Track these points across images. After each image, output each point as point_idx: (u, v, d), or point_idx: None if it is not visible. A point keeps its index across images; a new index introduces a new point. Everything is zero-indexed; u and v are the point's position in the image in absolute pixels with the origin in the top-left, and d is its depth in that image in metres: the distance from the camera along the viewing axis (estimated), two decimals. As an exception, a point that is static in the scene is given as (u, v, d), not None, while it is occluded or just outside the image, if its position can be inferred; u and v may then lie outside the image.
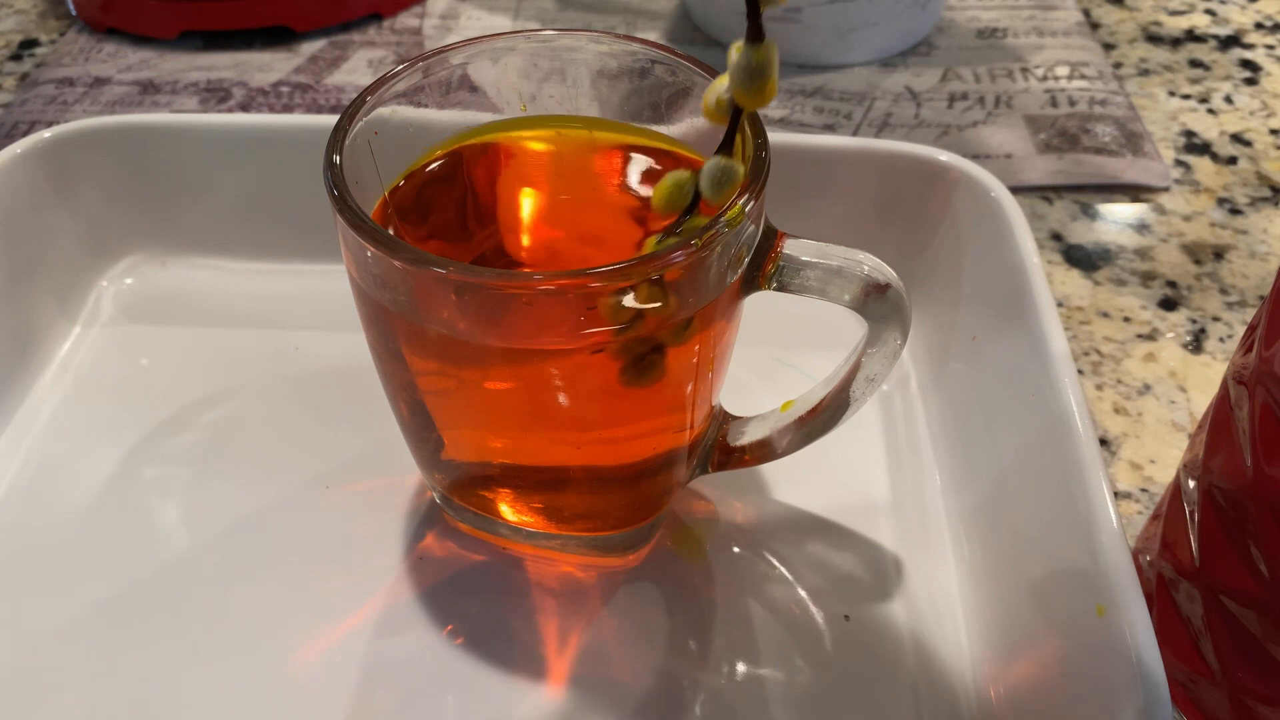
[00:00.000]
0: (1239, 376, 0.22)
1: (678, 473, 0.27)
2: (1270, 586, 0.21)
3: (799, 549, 0.29)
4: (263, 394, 0.32)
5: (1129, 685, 0.21)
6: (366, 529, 0.29)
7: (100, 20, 0.50)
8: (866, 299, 0.23)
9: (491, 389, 0.24)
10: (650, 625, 0.27)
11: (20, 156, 0.33)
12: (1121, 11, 0.52)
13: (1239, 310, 0.36)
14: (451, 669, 0.26)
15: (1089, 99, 0.45)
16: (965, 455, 0.30)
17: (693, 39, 0.49)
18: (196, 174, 0.35)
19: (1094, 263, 0.38)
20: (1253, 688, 0.23)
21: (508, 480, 0.27)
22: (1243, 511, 0.22)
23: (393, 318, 0.23)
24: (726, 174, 0.21)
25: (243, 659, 0.26)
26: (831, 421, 0.26)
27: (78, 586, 0.28)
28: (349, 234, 0.21)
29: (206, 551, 0.28)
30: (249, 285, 0.36)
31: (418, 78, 0.25)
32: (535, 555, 0.28)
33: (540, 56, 0.26)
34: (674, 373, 0.24)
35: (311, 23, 0.49)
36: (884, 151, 0.33)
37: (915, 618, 0.27)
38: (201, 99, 0.46)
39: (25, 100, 0.46)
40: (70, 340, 0.34)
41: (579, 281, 0.21)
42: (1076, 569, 0.24)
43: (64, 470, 0.30)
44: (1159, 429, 0.32)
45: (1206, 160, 0.43)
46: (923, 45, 0.48)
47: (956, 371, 0.31)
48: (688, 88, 0.25)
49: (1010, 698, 0.25)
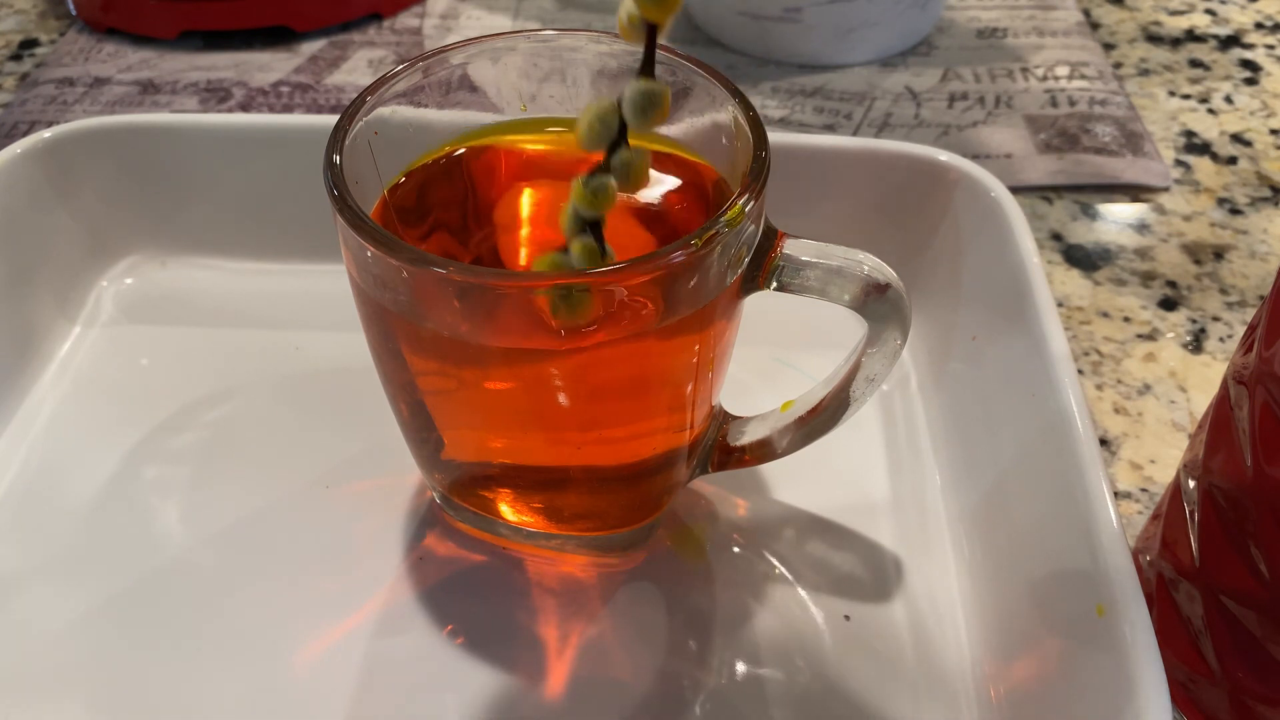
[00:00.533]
0: (1239, 376, 0.22)
1: (678, 473, 0.27)
2: (1270, 586, 0.21)
3: (799, 549, 0.29)
4: (263, 394, 0.32)
5: (1129, 685, 0.21)
6: (366, 529, 0.29)
7: (100, 20, 0.50)
8: (866, 299, 0.23)
9: (491, 389, 0.24)
10: (650, 625, 0.27)
11: (20, 156, 0.33)
12: (1121, 11, 0.52)
13: (1239, 310, 0.36)
14: (451, 669, 0.26)
15: (1089, 99, 0.45)
16: (965, 455, 0.30)
17: (693, 39, 0.49)
18: (196, 174, 0.35)
19: (1094, 263, 0.38)
20: (1253, 688, 0.23)
21: (508, 480, 0.27)
22: (1243, 511, 0.22)
23: (393, 318, 0.23)
24: (649, 98, 0.20)
25: (243, 659, 0.26)
26: (831, 421, 0.26)
27: (78, 586, 0.28)
28: (349, 234, 0.21)
29: (206, 551, 0.28)
30: (249, 285, 0.36)
31: (418, 78, 0.25)
32: (535, 555, 0.28)
33: (540, 56, 0.26)
34: (674, 373, 0.24)
35: (311, 23, 0.49)
36: (884, 151, 0.33)
37: (915, 618, 0.27)
38: (201, 99, 0.46)
39: (25, 100, 0.46)
40: (70, 340, 0.34)
41: (579, 281, 0.21)
42: (1076, 569, 0.24)
43: (64, 470, 0.30)
44: (1159, 429, 0.32)
45: (1206, 160, 0.43)
46: (923, 45, 0.48)
47: (956, 371, 0.31)
48: (688, 88, 0.25)
49: (1010, 698, 0.25)
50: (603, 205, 0.21)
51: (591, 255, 0.21)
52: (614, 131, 0.21)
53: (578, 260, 0.21)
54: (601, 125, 0.21)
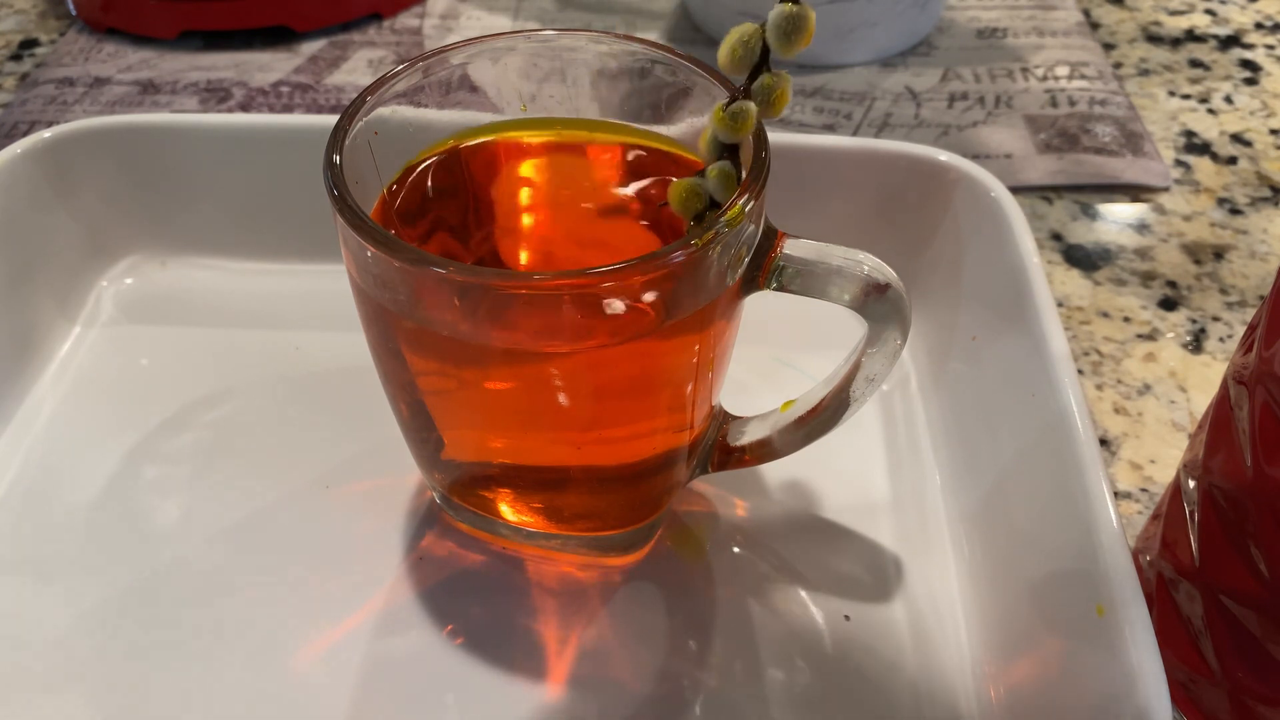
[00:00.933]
0: (1239, 376, 0.22)
1: (678, 473, 0.27)
2: (1270, 586, 0.21)
3: (799, 549, 0.29)
4: (263, 394, 0.32)
5: (1129, 685, 0.21)
6: (366, 529, 0.29)
7: (100, 20, 0.50)
8: (866, 299, 0.23)
9: (491, 389, 0.24)
10: (650, 625, 0.27)
11: (20, 156, 0.33)
12: (1121, 11, 0.52)
13: (1239, 310, 0.36)
14: (451, 669, 0.26)
15: (1089, 99, 0.45)
16: (965, 455, 0.30)
17: (693, 39, 0.49)
18: (196, 174, 0.35)
19: (1094, 263, 0.38)
20: (1253, 688, 0.23)
21: (508, 480, 0.27)
22: (1243, 511, 0.22)
23: (393, 318, 0.23)
24: (794, 21, 0.20)
25: (243, 659, 0.26)
26: (831, 421, 0.26)
27: (78, 587, 0.28)
28: (349, 234, 0.21)
29: (206, 552, 0.28)
30: (249, 285, 0.36)
31: (418, 78, 0.25)
32: (535, 555, 0.28)
33: (540, 56, 0.26)
34: (674, 373, 0.24)
35: (311, 23, 0.49)
36: (884, 151, 0.33)
37: (915, 618, 0.27)
38: (201, 99, 0.46)
39: (25, 100, 0.46)
40: (70, 340, 0.34)
41: (579, 281, 0.21)
42: (1076, 569, 0.24)
43: (64, 470, 0.30)
44: (1159, 429, 0.32)
45: (1206, 160, 0.43)
46: (923, 45, 0.48)
47: (956, 371, 0.31)
48: (688, 88, 0.25)
49: (1010, 698, 0.25)
50: (742, 130, 0.22)
51: (728, 180, 0.22)
52: (756, 55, 0.21)
53: (714, 184, 0.22)
54: (744, 49, 0.21)
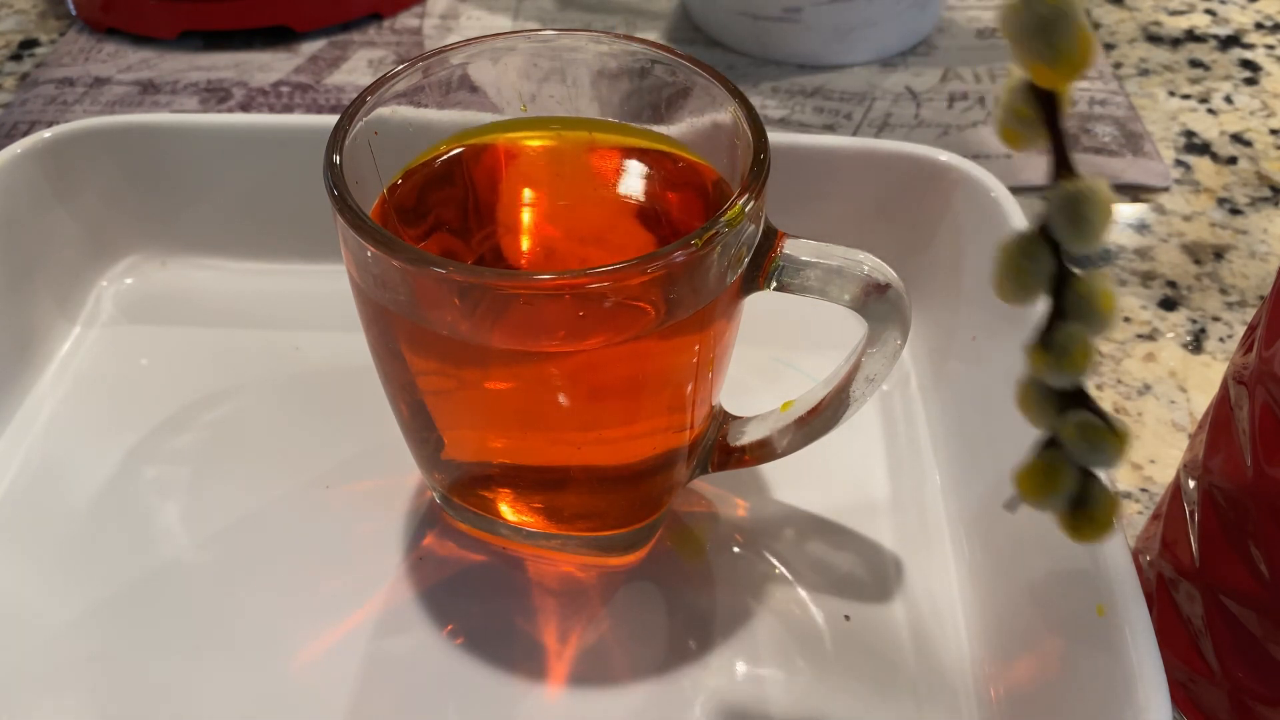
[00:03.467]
0: (1239, 376, 0.22)
1: (678, 472, 0.27)
2: (1270, 586, 0.21)
3: (799, 549, 0.29)
4: (263, 394, 0.32)
5: (1129, 685, 0.21)
6: (366, 529, 0.29)
7: (100, 20, 0.50)
8: (866, 299, 0.23)
9: (492, 389, 0.24)
10: (650, 625, 0.27)
11: (20, 156, 0.33)
12: (1121, 11, 0.52)
13: (1239, 310, 0.36)
14: (451, 669, 0.26)
15: (1089, 99, 0.45)
16: (965, 455, 0.30)
17: (693, 39, 0.49)
18: (196, 174, 0.35)
19: (1094, 263, 0.38)
20: (1253, 688, 0.23)
21: (508, 480, 0.27)
22: (1243, 511, 0.22)
23: (393, 318, 0.23)
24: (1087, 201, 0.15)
25: (243, 659, 0.26)
26: (831, 421, 0.26)
27: (78, 586, 0.28)
28: (349, 234, 0.21)
29: (206, 551, 0.28)
30: (249, 285, 0.36)
31: (418, 78, 0.25)
32: (535, 555, 0.28)
33: (540, 56, 0.26)
34: (674, 373, 0.24)
35: (311, 23, 0.49)
36: (884, 151, 0.33)
37: (915, 618, 0.27)
38: (201, 99, 0.46)
39: (25, 100, 0.46)
40: (70, 340, 0.34)
41: (579, 281, 0.21)
42: (1076, 569, 0.24)
43: (64, 470, 0.30)
44: (1159, 429, 0.32)
45: (1206, 160, 0.43)
46: (923, 45, 0.48)
47: (956, 371, 0.31)
48: (688, 88, 0.25)
49: (1010, 698, 0.25)
50: (1081, 364, 0.16)
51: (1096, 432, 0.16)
52: (1049, 264, 0.15)
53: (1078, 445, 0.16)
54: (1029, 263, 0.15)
